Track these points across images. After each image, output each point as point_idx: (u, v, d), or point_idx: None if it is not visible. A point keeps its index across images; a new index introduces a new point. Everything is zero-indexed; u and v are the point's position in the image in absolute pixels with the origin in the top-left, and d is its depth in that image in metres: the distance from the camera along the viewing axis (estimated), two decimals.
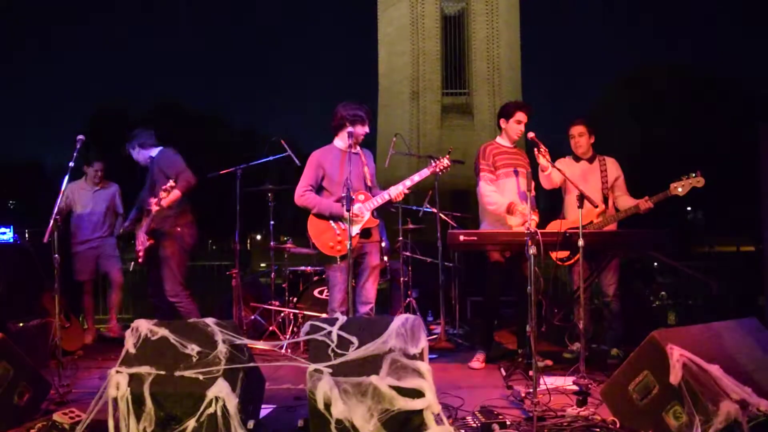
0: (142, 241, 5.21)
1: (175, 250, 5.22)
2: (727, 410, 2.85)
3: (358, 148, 4.70)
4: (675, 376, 2.99)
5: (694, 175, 4.58)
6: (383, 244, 4.90)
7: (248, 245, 10.65)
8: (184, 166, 5.31)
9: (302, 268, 6.70)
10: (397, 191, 4.48)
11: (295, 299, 6.19)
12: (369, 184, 4.64)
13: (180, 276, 5.22)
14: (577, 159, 5.26)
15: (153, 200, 5.06)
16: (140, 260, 5.30)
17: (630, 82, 28.04)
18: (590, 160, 5.23)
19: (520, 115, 4.99)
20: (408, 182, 4.52)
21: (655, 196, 4.75)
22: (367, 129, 4.67)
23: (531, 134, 4.49)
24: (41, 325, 5.43)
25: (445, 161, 4.62)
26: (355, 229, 4.44)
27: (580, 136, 5.21)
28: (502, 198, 4.85)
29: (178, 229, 5.23)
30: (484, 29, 20.66)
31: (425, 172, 4.59)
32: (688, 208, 30.84)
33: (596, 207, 4.45)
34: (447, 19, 21.20)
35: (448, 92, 20.91)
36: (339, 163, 4.61)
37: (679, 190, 4.61)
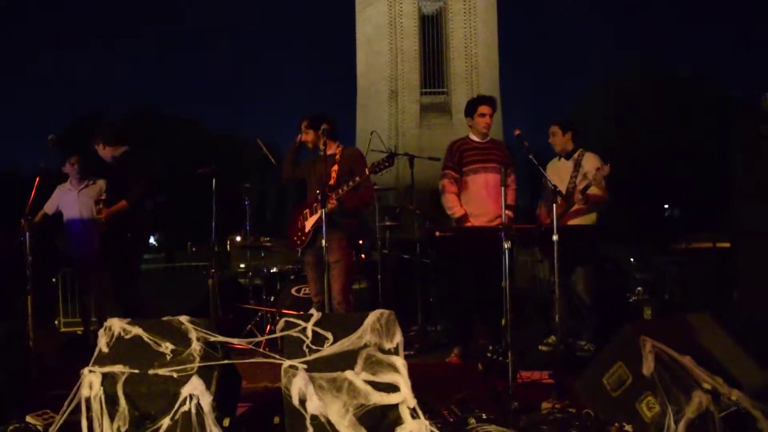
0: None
1: (122, 256, 5.23)
2: (698, 400, 2.88)
3: (334, 148, 4.89)
4: (647, 367, 3.03)
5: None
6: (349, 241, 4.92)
7: (228, 246, 10.64)
8: (143, 178, 5.29)
9: (281, 267, 6.70)
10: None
11: (272, 298, 6.18)
12: (331, 183, 4.70)
13: (130, 279, 5.25)
14: (560, 157, 5.46)
15: (96, 208, 5.12)
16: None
17: (608, 81, 28.27)
18: (567, 157, 5.38)
19: (483, 108, 5.07)
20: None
21: (582, 187, 5.02)
22: (303, 136, 4.93)
23: (517, 131, 4.53)
24: (15, 327, 5.35)
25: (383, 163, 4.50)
26: (308, 226, 4.78)
27: (553, 135, 5.41)
28: (459, 207, 5.01)
29: (129, 234, 5.21)
30: (462, 28, 20.77)
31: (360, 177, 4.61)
32: (666, 206, 31.13)
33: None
34: (425, 19, 21.28)
35: (426, 91, 21.00)
36: (314, 166, 4.91)
37: (594, 181, 4.91)
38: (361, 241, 6.88)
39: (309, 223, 4.79)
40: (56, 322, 7.40)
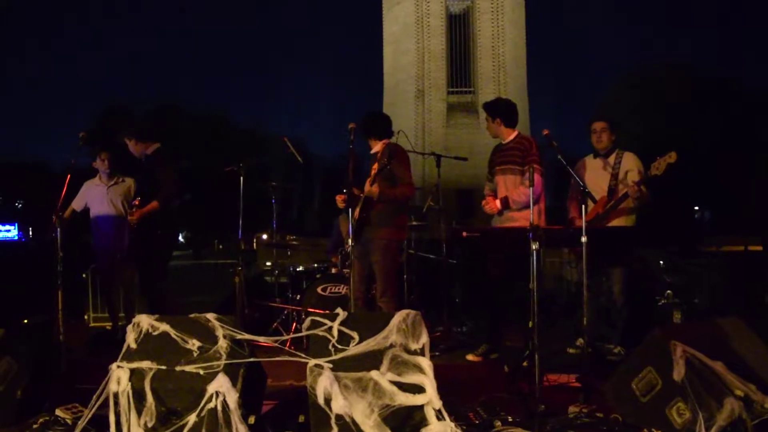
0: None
1: (152, 252, 5.30)
2: (731, 407, 2.83)
3: (378, 146, 5.01)
4: (678, 373, 2.98)
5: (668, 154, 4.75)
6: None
7: (254, 244, 10.70)
8: (173, 177, 5.37)
9: (307, 265, 6.72)
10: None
11: (298, 296, 6.20)
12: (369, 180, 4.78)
13: (157, 276, 5.34)
14: (596, 155, 5.35)
15: (129, 210, 5.34)
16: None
17: (636, 80, 27.92)
18: (606, 155, 5.30)
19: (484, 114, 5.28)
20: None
21: (639, 179, 4.95)
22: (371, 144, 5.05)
23: (545, 131, 4.51)
24: (46, 321, 5.44)
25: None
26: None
27: (602, 132, 5.31)
28: (492, 204, 5.08)
29: (159, 232, 5.29)
30: (489, 27, 20.63)
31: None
32: (696, 207, 30.69)
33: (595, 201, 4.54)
34: (452, 18, 21.18)
35: (453, 91, 20.90)
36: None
37: (657, 169, 4.74)
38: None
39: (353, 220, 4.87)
40: (85, 317, 7.50)
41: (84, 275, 7.57)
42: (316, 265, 6.85)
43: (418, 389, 2.83)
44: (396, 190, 4.78)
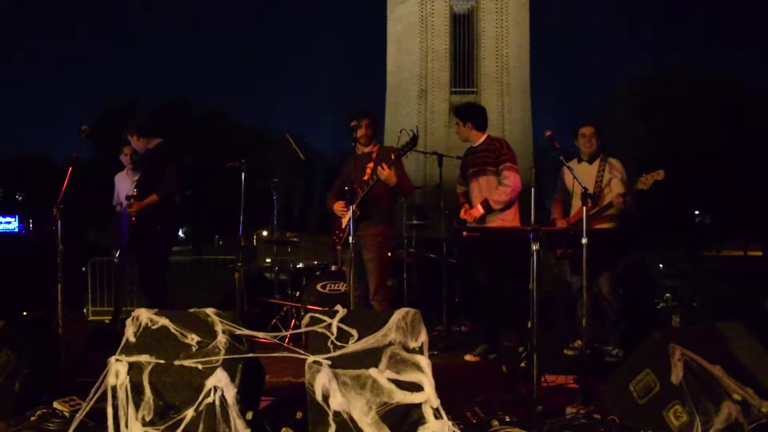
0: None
1: (151, 247, 5.30)
2: (728, 411, 2.83)
3: (371, 147, 4.98)
4: (676, 376, 2.98)
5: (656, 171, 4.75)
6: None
7: (254, 241, 10.69)
8: (176, 171, 5.36)
9: (307, 262, 6.72)
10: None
11: (298, 293, 6.21)
12: (365, 178, 4.78)
13: (156, 270, 5.35)
14: (580, 160, 5.34)
15: (126, 203, 5.34)
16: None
17: (639, 82, 27.88)
18: (590, 161, 5.30)
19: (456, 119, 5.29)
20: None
21: (625, 191, 4.98)
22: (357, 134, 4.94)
23: (548, 132, 4.52)
24: (45, 314, 5.44)
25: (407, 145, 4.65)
26: (344, 222, 4.82)
27: (591, 136, 5.30)
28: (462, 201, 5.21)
29: (158, 226, 5.29)
30: (493, 28, 20.63)
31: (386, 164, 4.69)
32: (696, 212, 30.67)
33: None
34: (456, 18, 21.17)
35: (456, 90, 20.90)
36: (350, 164, 4.90)
37: (643, 184, 4.76)
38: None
39: (345, 220, 4.86)
40: (84, 310, 7.51)
41: (84, 269, 7.57)
42: (316, 262, 6.86)
43: (416, 387, 2.83)
44: (406, 181, 4.86)
